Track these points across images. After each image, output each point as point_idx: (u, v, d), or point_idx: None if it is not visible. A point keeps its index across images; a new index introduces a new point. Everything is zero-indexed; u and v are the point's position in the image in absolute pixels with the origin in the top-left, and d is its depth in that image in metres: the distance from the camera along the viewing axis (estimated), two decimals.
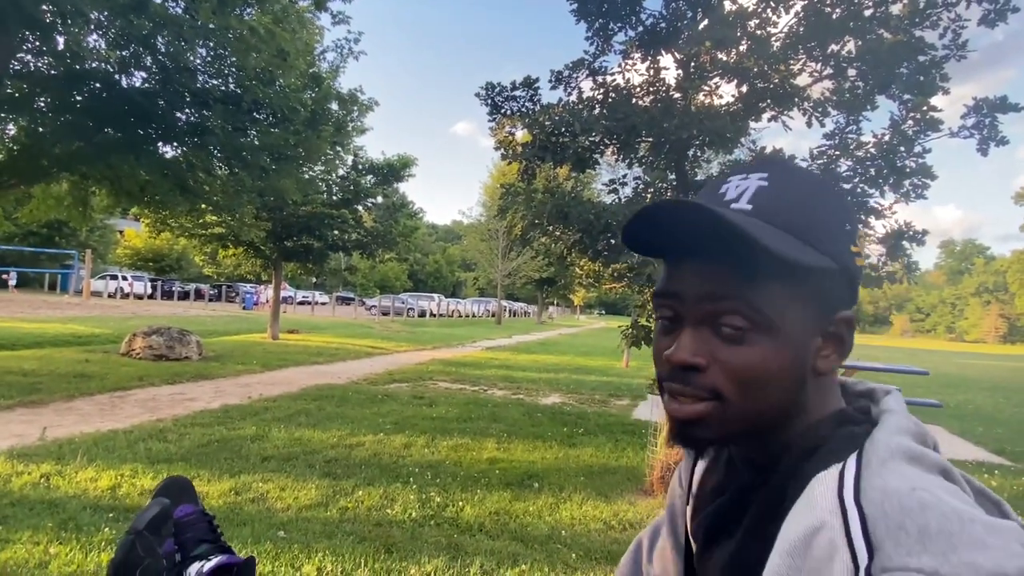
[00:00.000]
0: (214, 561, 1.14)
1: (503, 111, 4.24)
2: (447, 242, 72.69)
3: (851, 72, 3.61)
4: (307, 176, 10.26)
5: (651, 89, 3.93)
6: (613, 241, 4.02)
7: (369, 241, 14.01)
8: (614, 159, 4.44)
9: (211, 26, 5.85)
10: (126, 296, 30.48)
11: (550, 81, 4.03)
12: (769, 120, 3.81)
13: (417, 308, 32.61)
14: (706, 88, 3.87)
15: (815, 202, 0.51)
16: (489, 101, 4.14)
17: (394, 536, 2.98)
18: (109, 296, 29.82)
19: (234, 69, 6.72)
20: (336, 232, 13.31)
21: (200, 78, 7.07)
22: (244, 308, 28.48)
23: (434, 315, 33.59)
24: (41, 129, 7.22)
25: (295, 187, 8.87)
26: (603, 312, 76.68)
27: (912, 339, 76.88)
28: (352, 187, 12.82)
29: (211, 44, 6.48)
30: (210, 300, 32.75)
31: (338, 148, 10.00)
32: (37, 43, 6.79)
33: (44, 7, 5.48)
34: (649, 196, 4.05)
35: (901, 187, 3.39)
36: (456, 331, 22.70)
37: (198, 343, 9.18)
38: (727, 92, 3.88)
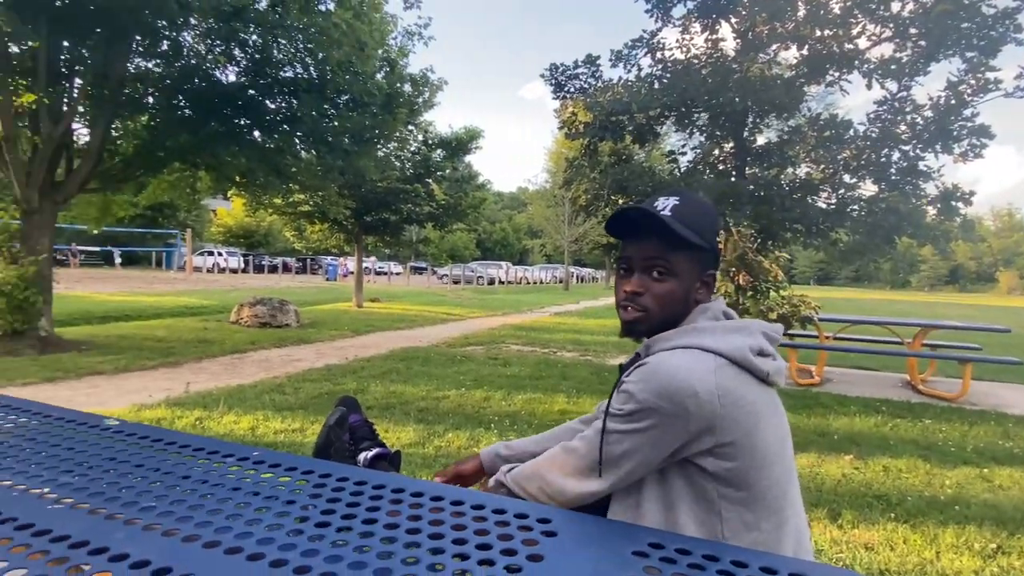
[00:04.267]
0: (374, 451, 1.69)
1: (566, 89, 4.52)
2: (512, 210, 73.09)
3: (912, 31, 3.61)
4: (382, 154, 10.93)
5: (709, 61, 4.08)
6: None
7: (440, 213, 14.66)
8: (674, 130, 4.64)
9: (297, 24, 6.42)
10: (222, 271, 33.18)
11: (611, 59, 4.26)
12: (827, 86, 3.89)
13: (486, 276, 33.43)
14: (763, 57, 3.98)
15: (701, 212, 1.05)
16: (553, 81, 4.44)
17: None
18: (207, 271, 32.58)
19: (318, 61, 7.32)
20: (410, 206, 14.03)
21: (288, 70, 7.75)
22: (328, 279, 30.38)
23: (502, 282, 34.33)
24: (156, 125, 8.19)
25: (373, 166, 9.53)
26: None
27: (1021, 297, 70.17)
28: (423, 162, 13.43)
29: (298, 39, 7.09)
30: (296, 272, 35.08)
31: (411, 127, 10.54)
32: (148, 46, 7.68)
33: (159, 21, 6.20)
34: (707, 165, 4.25)
35: (956, 148, 3.41)
36: (524, 297, 23.27)
37: (296, 312, 10.18)
38: (786, 59, 3.98)
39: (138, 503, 0.91)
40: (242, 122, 8.02)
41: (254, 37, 7.17)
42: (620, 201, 4.44)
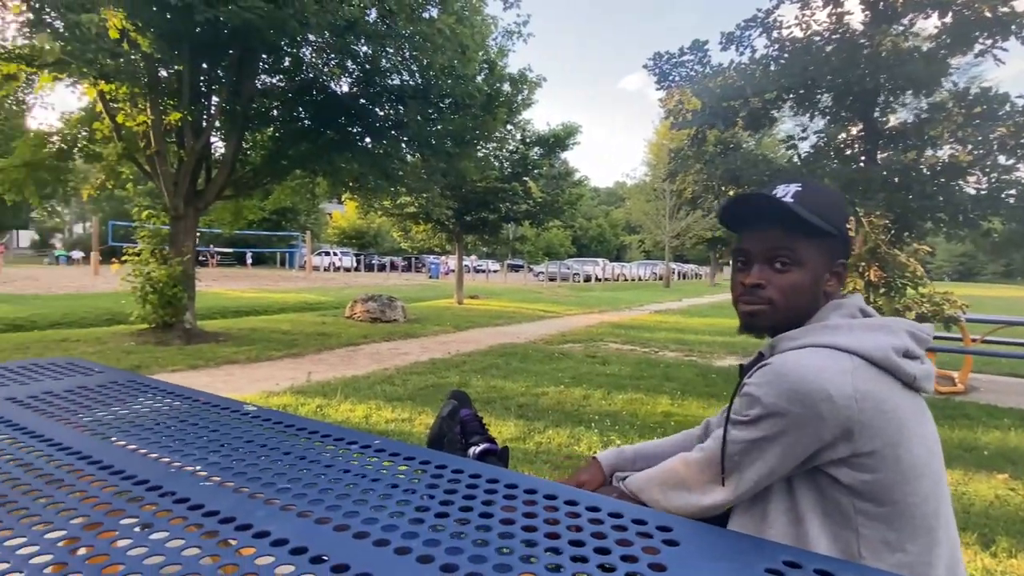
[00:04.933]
0: (483, 446, 1.72)
1: (671, 78, 4.35)
2: (609, 205, 71.90)
3: None
4: (481, 154, 11.18)
5: (833, 37, 3.73)
6: None
7: (537, 211, 14.74)
8: (791, 114, 4.30)
9: (404, 32, 6.72)
10: (337, 269, 35.68)
11: (720, 43, 4.04)
12: (977, 55, 3.41)
13: (582, 273, 33.18)
14: (897, 28, 3.57)
15: (826, 197, 0.96)
16: (657, 70, 4.28)
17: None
18: (324, 270, 35.16)
19: (422, 67, 7.62)
20: (507, 204, 14.23)
21: (395, 78, 8.15)
22: (430, 277, 31.68)
23: (599, 279, 33.90)
24: (280, 136, 8.95)
25: (473, 166, 9.77)
26: None
27: None
28: (521, 160, 13.56)
29: (403, 48, 7.42)
30: (402, 271, 36.92)
31: (509, 126, 10.68)
32: (272, 64, 8.40)
33: (282, 39, 6.75)
34: (832, 150, 3.90)
35: None
36: (622, 295, 22.82)
37: (403, 308, 10.70)
38: (924, 29, 3.54)
39: (275, 484, 0.98)
40: (354, 130, 8.55)
41: (364, 48, 7.61)
42: (731, 192, 4.20)
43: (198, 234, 8.57)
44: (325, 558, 0.75)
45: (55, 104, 37.95)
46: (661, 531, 0.82)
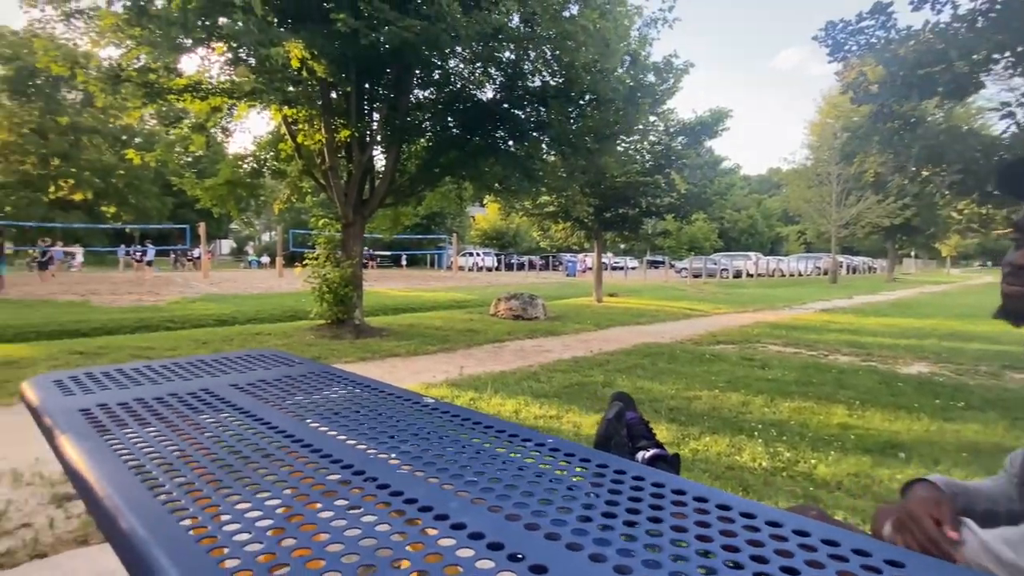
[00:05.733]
0: (652, 451, 1.63)
1: (846, 48, 3.86)
2: (761, 194, 66.47)
3: None
4: (621, 148, 10.93)
5: None
6: None
7: (681, 203, 14.06)
8: (1008, 75, 3.58)
9: (546, 34, 6.78)
10: (480, 269, 37.32)
11: (911, 2, 3.49)
12: None
13: (731, 268, 31.09)
14: None
15: None
16: (830, 41, 3.83)
17: (747, 480, 3.22)
18: (469, 269, 36.98)
19: (563, 66, 7.64)
20: (648, 198, 13.76)
21: (536, 80, 8.27)
22: (567, 275, 31.84)
23: (751, 275, 31.54)
24: (432, 145, 9.54)
25: (614, 161, 9.59)
26: (988, 263, 59.49)
27: None
28: (664, 152, 13.02)
29: (545, 49, 7.50)
30: (540, 269, 37.57)
31: (652, 117, 10.32)
32: (424, 78, 8.97)
33: (434, 53, 7.16)
34: None
35: None
36: (780, 292, 20.95)
37: (543, 305, 10.86)
38: None
39: (462, 476, 1.01)
40: (498, 134, 8.84)
41: (507, 54, 7.83)
42: (926, 173, 3.61)
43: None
44: (520, 556, 0.74)
45: (250, 128, 44.94)
46: (858, 555, 0.71)
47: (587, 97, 8.00)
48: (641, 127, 10.06)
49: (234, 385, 1.67)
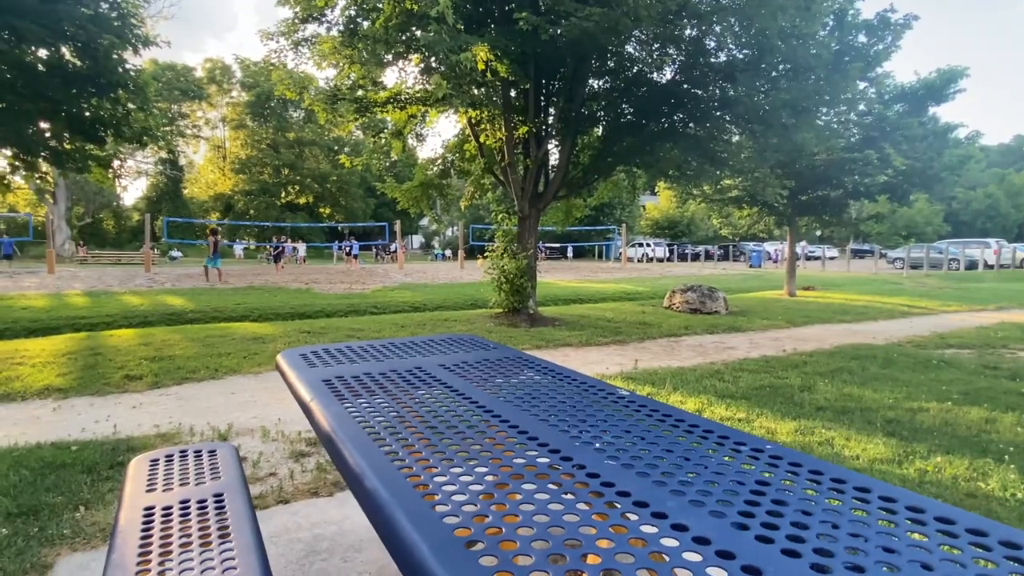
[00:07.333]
0: None
1: None
2: (1004, 167, 54.30)
3: None
4: (822, 122, 9.68)
5: None
6: None
7: (899, 182, 12.04)
8: None
9: (735, 5, 6.25)
10: (650, 260, 36.21)
11: None
12: None
13: (962, 258, 25.95)
14: None
15: None
16: None
17: (996, 511, 2.65)
18: (638, 260, 36.10)
19: (752, 36, 6.98)
20: (856, 177, 12.02)
21: (721, 55, 7.68)
22: (751, 266, 29.38)
23: (989, 266, 26.04)
24: (606, 135, 9.44)
25: (813, 137, 8.54)
26: None
27: None
28: (876, 122, 11.26)
29: (731, 20, 6.92)
30: (718, 259, 35.21)
31: (862, 84, 8.98)
32: (598, 67, 8.87)
33: (612, 39, 7.03)
34: None
35: None
36: None
37: (724, 299, 10.14)
38: None
39: (675, 475, 0.96)
40: (676, 117, 8.42)
41: (688, 31, 7.38)
42: None
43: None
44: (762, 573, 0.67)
45: (440, 132, 49.24)
46: None
47: (781, 68, 7.22)
48: (848, 96, 8.78)
49: (442, 365, 1.81)
